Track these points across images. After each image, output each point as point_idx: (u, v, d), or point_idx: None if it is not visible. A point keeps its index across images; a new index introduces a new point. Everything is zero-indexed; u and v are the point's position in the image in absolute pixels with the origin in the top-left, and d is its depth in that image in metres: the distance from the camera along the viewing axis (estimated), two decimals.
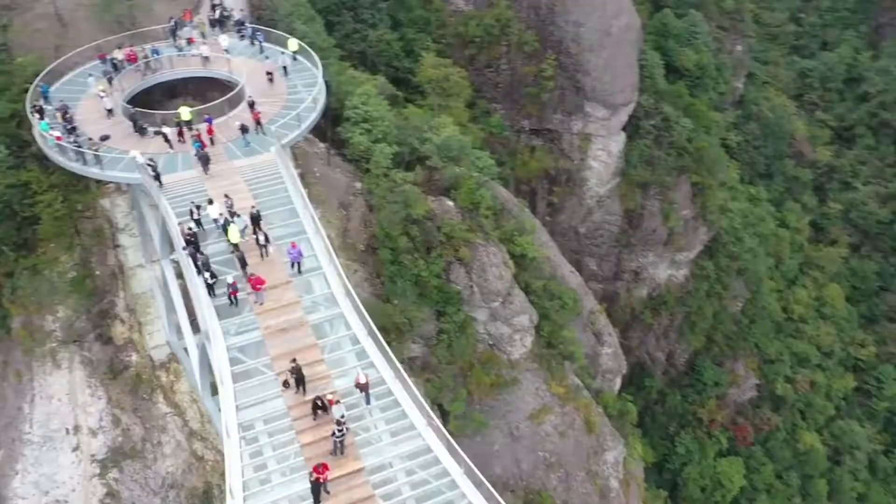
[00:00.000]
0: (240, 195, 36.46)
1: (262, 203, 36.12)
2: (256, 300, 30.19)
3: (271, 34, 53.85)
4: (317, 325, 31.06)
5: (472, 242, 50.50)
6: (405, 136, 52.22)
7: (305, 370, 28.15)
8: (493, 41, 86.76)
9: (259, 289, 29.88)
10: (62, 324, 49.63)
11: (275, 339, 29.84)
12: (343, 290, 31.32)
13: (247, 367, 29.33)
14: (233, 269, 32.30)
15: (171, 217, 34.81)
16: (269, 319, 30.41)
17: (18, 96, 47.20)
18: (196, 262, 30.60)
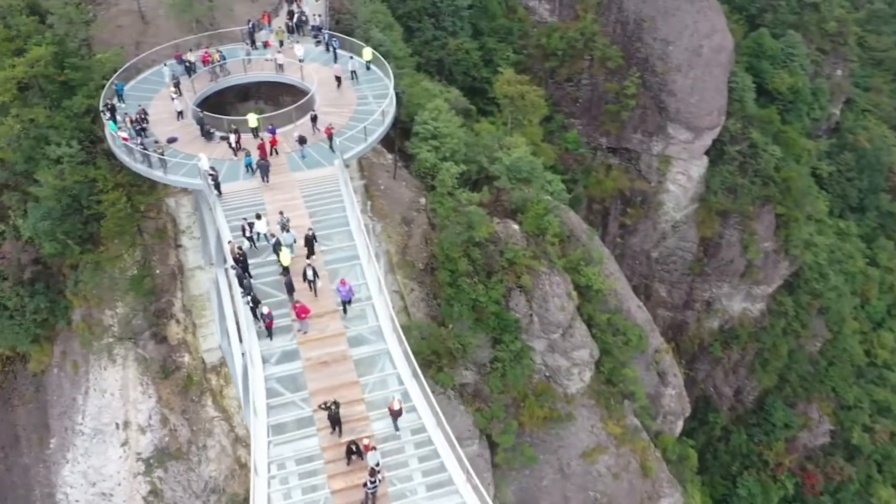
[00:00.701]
0: (296, 212, 35.40)
1: (318, 222, 34.96)
2: (300, 328, 28.99)
3: (346, 41, 52.86)
4: (360, 361, 29.63)
5: (535, 270, 48.31)
6: (474, 154, 50.44)
7: (343, 409, 26.75)
8: (576, 55, 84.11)
9: (303, 318, 28.68)
10: (120, 320, 49.93)
11: (315, 372, 28.55)
12: (390, 325, 29.79)
13: (283, 401, 28.15)
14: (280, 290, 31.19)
15: (224, 230, 34.03)
16: (311, 350, 29.15)
17: (95, 92, 47.52)
18: (241, 284, 29.61)
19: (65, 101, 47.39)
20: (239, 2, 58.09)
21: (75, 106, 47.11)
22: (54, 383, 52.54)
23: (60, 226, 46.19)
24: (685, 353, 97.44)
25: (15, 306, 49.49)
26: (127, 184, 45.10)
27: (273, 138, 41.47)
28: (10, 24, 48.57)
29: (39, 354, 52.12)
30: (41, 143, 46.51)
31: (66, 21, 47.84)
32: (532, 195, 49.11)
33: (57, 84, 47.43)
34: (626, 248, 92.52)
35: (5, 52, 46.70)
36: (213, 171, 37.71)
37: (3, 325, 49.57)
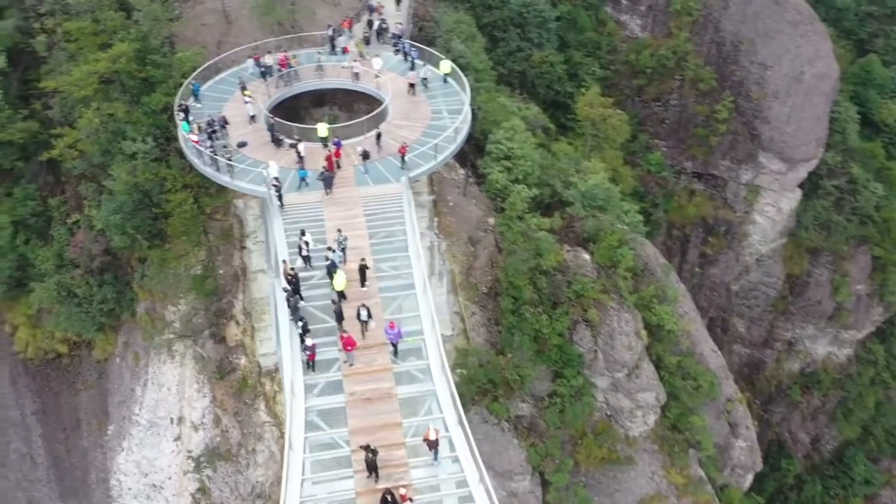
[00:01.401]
0: (355, 231, 34.20)
1: (377, 245, 33.64)
2: (346, 360, 27.69)
3: (425, 52, 51.52)
4: (405, 400, 28.07)
5: (603, 304, 45.81)
6: (549, 177, 48.31)
7: (383, 452, 25.27)
8: (666, 74, 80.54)
9: (350, 350, 27.38)
10: (181, 317, 50.10)
11: (358, 408, 27.19)
12: (440, 365, 28.13)
13: (322, 437, 26.91)
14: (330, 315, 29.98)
15: (281, 245, 33.12)
16: (355, 384, 27.80)
17: (173, 90, 47.73)
18: (291, 308, 28.55)
19: (144, 97, 47.84)
20: (321, 5, 57.66)
21: (153, 102, 47.45)
22: (116, 372, 53.34)
23: (130, 220, 46.60)
24: (760, 393, 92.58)
25: (84, 294, 50.38)
26: (195, 185, 45.02)
27: (337, 150, 40.44)
28: (99, 18, 49.31)
29: (104, 343, 53.01)
30: (118, 137, 47.05)
31: (150, 18, 48.26)
32: (606, 224, 46.57)
33: (138, 80, 47.87)
34: (704, 279, 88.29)
35: (91, 46, 47.42)
36: (277, 182, 36.92)
37: (71, 312, 50.51)
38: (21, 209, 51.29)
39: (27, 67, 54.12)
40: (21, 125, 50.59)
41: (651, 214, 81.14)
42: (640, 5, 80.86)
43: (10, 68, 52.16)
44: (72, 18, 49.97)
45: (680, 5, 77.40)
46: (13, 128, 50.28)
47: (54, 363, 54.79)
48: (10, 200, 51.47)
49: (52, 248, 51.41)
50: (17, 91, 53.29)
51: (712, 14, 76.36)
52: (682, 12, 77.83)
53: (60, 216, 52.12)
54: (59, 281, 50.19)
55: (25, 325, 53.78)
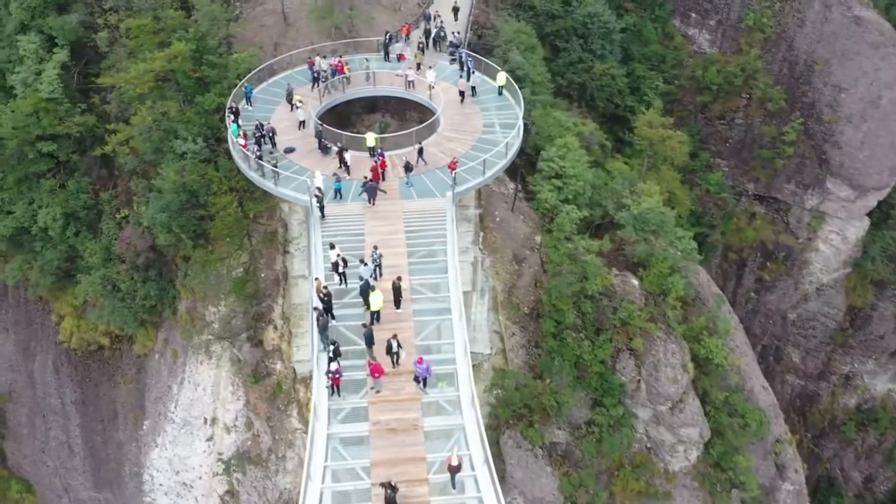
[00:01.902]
0: (394, 248, 33.27)
1: (415, 265, 32.64)
2: (373, 386, 26.77)
3: (482, 62, 50.34)
4: (431, 433, 26.98)
5: (650, 334, 43.91)
6: (601, 197, 46.60)
7: (404, 488, 24.24)
8: (733, 91, 77.64)
9: (377, 377, 26.44)
10: (221, 318, 50.03)
11: (381, 439, 26.22)
12: (470, 398, 26.92)
13: (343, 466, 26.03)
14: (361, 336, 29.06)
15: (318, 260, 32.42)
16: (381, 413, 26.84)
17: (227, 90, 47.67)
18: (321, 330, 27.76)
19: (198, 96, 47.88)
20: (381, 10, 57.03)
21: (207, 103, 47.45)
22: (154, 368, 53.72)
23: (176, 219, 46.68)
24: (812, 426, 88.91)
25: (127, 290, 50.83)
26: (241, 189, 44.80)
27: (382, 161, 39.62)
28: (160, 15, 49.62)
29: (144, 338, 53.44)
30: (170, 135, 47.21)
31: (209, 18, 48.28)
32: (658, 250, 44.64)
33: (193, 80, 47.94)
34: (759, 305, 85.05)
35: (150, 44, 47.70)
36: (319, 193, 36.27)
37: (114, 306, 51.04)
38: (73, 202, 52.03)
39: (89, 62, 54.93)
40: (79, 119, 51.30)
41: (707, 236, 78.38)
42: (710, 20, 78.05)
43: (72, 62, 52.96)
44: (134, 15, 50.47)
45: (752, 21, 74.41)
46: (71, 121, 51.00)
47: (96, 355, 55.55)
48: (63, 192, 52.26)
49: (100, 242, 52.05)
50: (78, 84, 54.12)
51: (786, 32, 73.16)
52: (754, 28, 74.83)
53: (111, 210, 52.71)
54: (105, 275, 50.76)
55: (71, 316, 54.67)
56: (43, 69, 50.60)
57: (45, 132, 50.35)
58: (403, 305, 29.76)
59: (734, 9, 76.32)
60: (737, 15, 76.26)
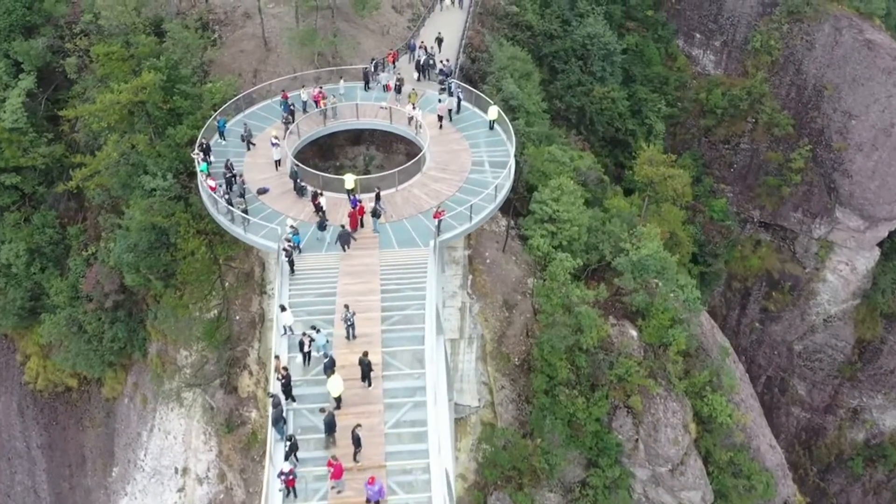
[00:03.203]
0: (367, 314, 30.09)
1: (389, 333, 29.53)
2: (335, 486, 23.74)
3: (473, 94, 47.32)
4: None
5: (649, 391, 40.83)
6: (597, 240, 43.53)
7: None
8: (738, 115, 74.75)
9: (339, 477, 23.38)
10: (193, 363, 47.15)
11: None
12: None
13: None
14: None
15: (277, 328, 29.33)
16: None
17: (201, 122, 44.66)
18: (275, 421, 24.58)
19: (170, 128, 44.86)
20: (368, 35, 54.07)
21: (179, 135, 44.44)
22: (123, 413, 50.75)
23: (144, 259, 43.71)
24: (818, 460, 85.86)
25: (94, 331, 47.90)
26: (211, 231, 41.81)
27: (360, 207, 36.60)
28: (131, 41, 46.66)
29: (113, 381, 50.56)
30: (139, 170, 44.29)
31: (182, 45, 45.27)
32: (659, 300, 41.57)
33: (164, 111, 44.95)
34: (764, 336, 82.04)
35: (119, 72, 44.68)
36: (288, 246, 33.19)
37: (80, 348, 48.11)
38: (38, 237, 49.13)
39: (58, 87, 52.06)
40: (44, 150, 48.40)
41: (710, 265, 75.37)
42: (715, 40, 75.14)
43: (38, 89, 50.06)
44: (104, 40, 47.51)
45: (759, 43, 71.48)
46: (36, 152, 48.11)
47: (63, 397, 52.59)
48: (28, 227, 49.40)
49: (67, 280, 49.12)
50: (46, 111, 51.20)
51: (795, 55, 70.20)
52: (761, 51, 71.88)
53: (79, 245, 49.82)
54: (71, 315, 47.81)
55: (37, 356, 51.79)
56: (7, 97, 47.63)
57: (8, 164, 47.42)
58: (374, 383, 26.70)
59: (740, 30, 73.40)
60: (743, 36, 73.35)
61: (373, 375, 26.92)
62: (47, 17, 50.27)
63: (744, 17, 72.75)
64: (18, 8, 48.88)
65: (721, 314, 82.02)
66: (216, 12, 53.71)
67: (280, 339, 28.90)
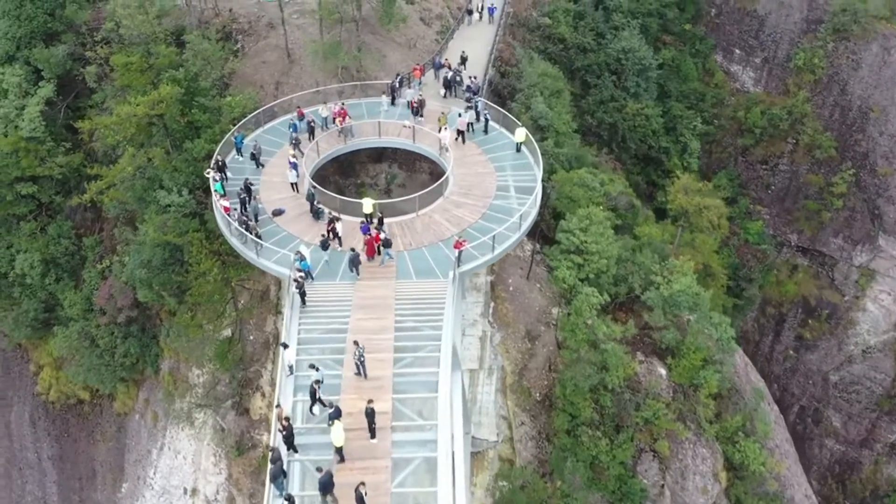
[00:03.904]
0: (378, 354, 28.36)
1: (401, 378, 27.75)
2: None
3: (500, 113, 45.44)
4: None
5: (677, 435, 38.59)
6: (627, 272, 41.38)
7: None
8: (777, 135, 71.88)
9: None
10: (205, 383, 45.97)
11: None
12: None
13: None
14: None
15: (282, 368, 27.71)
16: None
17: (219, 136, 43.41)
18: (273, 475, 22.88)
19: (187, 142, 43.65)
20: (394, 48, 52.46)
21: (196, 149, 43.21)
22: (134, 429, 49.76)
23: (157, 276, 42.58)
24: (851, 495, 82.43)
25: (106, 346, 46.98)
26: (225, 252, 40.42)
27: (377, 235, 34.94)
28: (152, 51, 45.55)
29: (125, 396, 49.57)
30: (154, 184, 43.18)
31: (201, 57, 44.01)
32: (690, 339, 39.30)
33: (182, 123, 43.77)
34: (798, 364, 78.90)
35: (137, 83, 43.57)
36: (300, 277, 31.59)
37: (91, 363, 47.20)
38: (54, 248, 48.27)
39: (79, 95, 51.19)
40: (61, 159, 47.50)
41: (744, 290, 72.63)
42: (756, 57, 72.32)
43: (58, 97, 49.22)
44: (125, 49, 46.47)
45: (802, 61, 68.60)
46: (53, 162, 47.24)
47: (75, 409, 51.75)
48: (43, 237, 48.54)
49: (81, 292, 48.19)
50: (66, 119, 50.32)
51: (840, 74, 67.17)
52: (804, 69, 68.98)
53: (94, 257, 48.88)
54: (83, 328, 46.91)
55: (50, 367, 51.01)
56: (26, 104, 46.81)
57: (25, 173, 46.59)
58: (380, 435, 24.99)
59: (782, 47, 70.53)
60: (785, 53, 70.48)
61: (381, 426, 25.16)
62: (69, 23, 49.38)
63: (786, 34, 69.89)
64: (40, 14, 48.04)
65: (753, 340, 79.20)
66: (240, 21, 52.53)
67: (285, 381, 27.29)
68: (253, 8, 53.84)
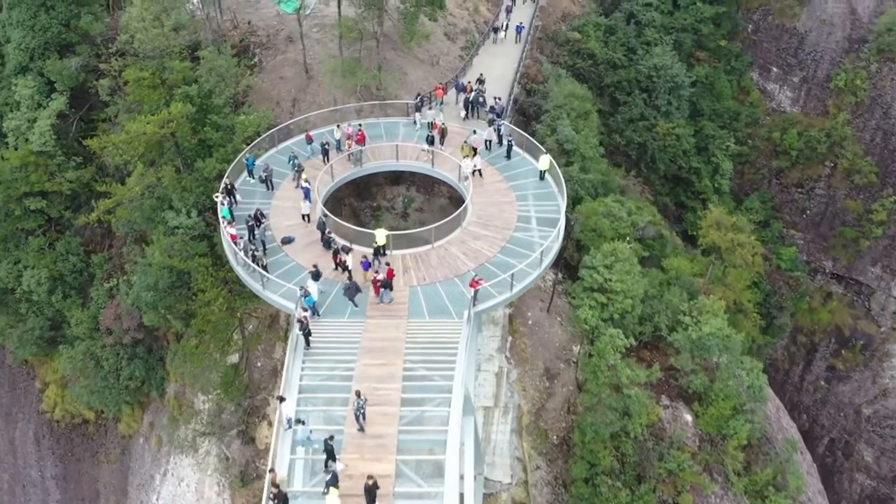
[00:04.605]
0: (383, 407, 26.44)
1: (406, 435, 25.81)
2: None
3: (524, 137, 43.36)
4: None
5: (702, 489, 36.24)
6: (652, 310, 39.11)
7: None
8: (815, 158, 69.04)
9: None
10: (209, 410, 44.42)
11: None
12: None
13: None
14: None
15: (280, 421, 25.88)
16: None
17: (232, 156, 41.88)
18: None
19: (198, 161, 42.13)
20: (416, 65, 50.68)
21: (207, 169, 41.64)
22: (138, 452, 48.46)
23: (164, 300, 41.08)
24: None
25: (111, 367, 45.70)
26: (233, 279, 38.77)
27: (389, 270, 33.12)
28: (166, 65, 44.09)
29: (129, 418, 48.28)
30: (164, 204, 41.73)
31: (215, 74, 42.47)
32: (719, 386, 36.94)
33: (194, 142, 42.27)
34: (830, 395, 75.82)
35: (150, 100, 42.14)
36: (304, 318, 29.79)
37: (95, 385, 45.91)
38: (61, 264, 47.10)
39: (92, 106, 50.03)
40: (71, 174, 46.33)
41: (775, 318, 69.76)
42: (794, 76, 69.49)
43: (71, 109, 48.07)
44: (139, 62, 45.10)
45: (844, 82, 65.66)
46: (63, 177, 46.06)
47: (80, 429, 50.60)
48: (51, 253, 47.37)
49: (88, 310, 46.96)
50: (78, 132, 49.11)
51: (883, 97, 64.18)
52: (844, 90, 66.05)
53: (103, 274, 47.62)
54: (89, 348, 45.66)
55: (55, 385, 49.93)
56: (38, 116, 45.68)
57: (34, 188, 45.45)
58: (381, 503, 23.11)
59: (822, 66, 67.60)
60: (825, 73, 67.54)
61: (383, 492, 23.26)
62: (84, 34, 48.20)
63: (827, 53, 66.96)
64: (54, 25, 46.92)
65: (783, 368, 76.27)
66: (258, 35, 51.07)
67: (282, 436, 25.48)
68: (273, 20, 52.38)
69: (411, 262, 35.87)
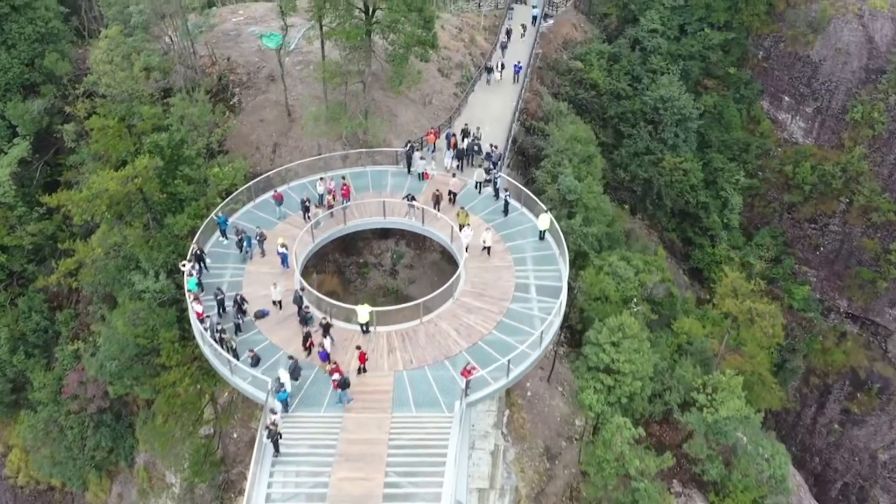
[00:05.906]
0: None
1: None
2: None
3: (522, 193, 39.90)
4: None
5: None
6: (662, 385, 35.61)
7: None
8: (829, 193, 65.57)
9: None
10: (182, 483, 40.90)
11: None
12: None
13: None
14: None
15: None
16: None
17: (205, 210, 38.46)
18: None
19: (169, 216, 38.64)
20: (407, 105, 47.25)
21: (178, 226, 38.14)
22: None
23: (129, 370, 37.54)
24: None
25: (75, 437, 42.22)
26: (201, 355, 35.26)
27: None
28: (135, 110, 40.66)
29: (97, 488, 44.78)
30: (131, 263, 38.22)
31: (187, 123, 39.02)
32: (737, 475, 33.42)
33: (163, 196, 38.82)
34: (844, 439, 72.34)
35: (115, 150, 38.69)
36: (272, 425, 26.27)
37: (58, 456, 42.36)
38: (23, 324, 43.66)
39: (59, 150, 46.60)
40: (33, 227, 42.88)
41: (787, 361, 66.31)
42: (807, 106, 66.02)
43: (35, 155, 44.63)
44: (107, 104, 41.68)
45: (860, 115, 62.23)
46: (24, 230, 42.58)
47: (45, 496, 47.20)
48: (13, 311, 43.88)
49: (52, 372, 43.45)
50: (44, 177, 45.68)
51: None
52: (861, 123, 62.62)
53: (68, 333, 44.15)
54: (51, 415, 42.12)
55: (19, 448, 46.44)
56: None
57: None
58: None
59: (837, 97, 64.16)
60: (840, 104, 64.08)
61: None
62: (48, 74, 44.72)
63: (843, 83, 63.50)
64: (16, 65, 43.49)
65: (795, 410, 72.78)
66: (238, 72, 47.69)
67: None
68: (254, 56, 48.99)
69: (397, 342, 32.42)
